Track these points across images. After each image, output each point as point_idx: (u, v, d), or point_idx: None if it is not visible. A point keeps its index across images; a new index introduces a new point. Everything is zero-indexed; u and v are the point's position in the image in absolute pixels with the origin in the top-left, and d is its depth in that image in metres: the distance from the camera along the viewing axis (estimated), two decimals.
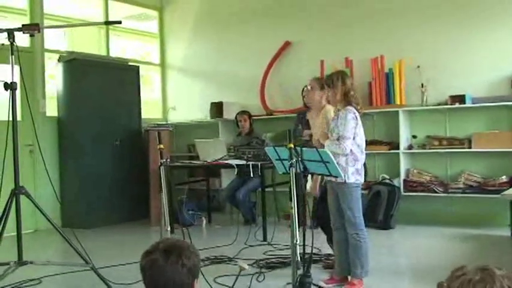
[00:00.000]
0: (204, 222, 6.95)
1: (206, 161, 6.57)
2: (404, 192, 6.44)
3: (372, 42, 6.91)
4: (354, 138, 3.79)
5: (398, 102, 6.61)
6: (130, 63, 7.92)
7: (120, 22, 4.33)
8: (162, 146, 3.88)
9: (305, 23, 7.50)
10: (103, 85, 7.30)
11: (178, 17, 8.78)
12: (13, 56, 3.61)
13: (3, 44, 3.67)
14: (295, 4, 7.61)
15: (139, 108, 7.84)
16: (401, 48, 6.70)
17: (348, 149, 3.75)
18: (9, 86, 3.62)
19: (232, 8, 8.17)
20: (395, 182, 6.48)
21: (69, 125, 7.16)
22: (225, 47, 8.24)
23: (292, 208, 3.21)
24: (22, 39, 6.30)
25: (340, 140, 3.76)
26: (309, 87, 4.68)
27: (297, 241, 3.16)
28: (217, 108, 7.84)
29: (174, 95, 8.90)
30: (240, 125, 7.24)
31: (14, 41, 3.62)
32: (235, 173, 6.47)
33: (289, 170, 3.36)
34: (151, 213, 7.09)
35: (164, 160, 3.78)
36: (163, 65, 8.99)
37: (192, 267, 1.78)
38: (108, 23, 5.70)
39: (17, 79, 3.67)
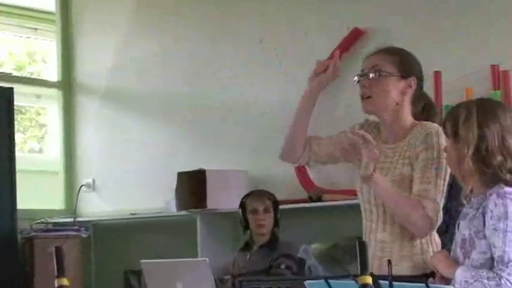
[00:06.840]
0: None
1: None
2: None
3: None
4: None
5: None
6: None
7: None
8: (65, 280, 3.25)
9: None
10: None
11: None
12: None
13: None
14: None
15: (13, 188, 7.14)
16: None
17: None
18: None
19: None
20: None
21: None
22: (202, 47, 7.60)
23: None
24: None
25: (499, 268, 3.28)
26: (370, 75, 4.09)
27: None
28: (192, 185, 6.87)
29: (93, 153, 8.07)
30: (253, 224, 6.36)
31: None
32: None
33: None
34: None
35: None
36: (67, 85, 8.24)
37: None
38: None
39: None
